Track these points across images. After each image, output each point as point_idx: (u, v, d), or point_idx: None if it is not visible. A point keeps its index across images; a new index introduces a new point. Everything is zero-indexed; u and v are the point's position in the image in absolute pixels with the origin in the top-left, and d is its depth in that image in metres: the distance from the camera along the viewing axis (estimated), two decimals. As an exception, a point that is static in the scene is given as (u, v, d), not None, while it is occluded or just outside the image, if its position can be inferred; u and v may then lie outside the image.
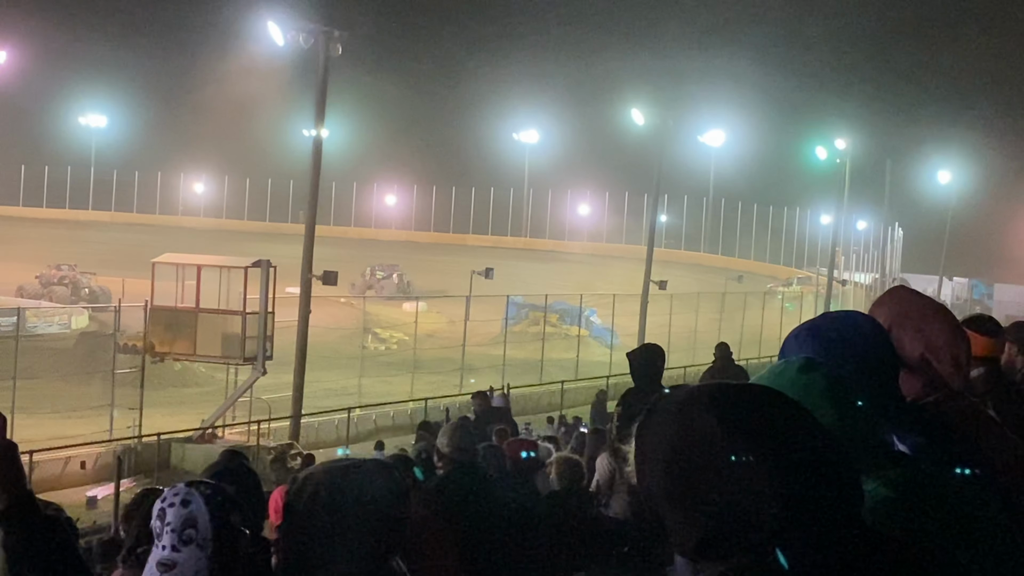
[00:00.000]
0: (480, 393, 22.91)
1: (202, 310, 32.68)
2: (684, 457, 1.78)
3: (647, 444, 1.84)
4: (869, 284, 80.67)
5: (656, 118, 54.52)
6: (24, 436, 25.79)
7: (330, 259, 37.98)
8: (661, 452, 1.81)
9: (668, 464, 1.80)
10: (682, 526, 1.79)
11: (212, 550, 3.12)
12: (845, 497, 1.77)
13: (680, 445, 1.79)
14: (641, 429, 1.86)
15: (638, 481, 1.86)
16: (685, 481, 1.78)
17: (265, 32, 34.98)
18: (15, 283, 63.85)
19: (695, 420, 1.79)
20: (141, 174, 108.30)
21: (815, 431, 1.79)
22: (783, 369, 2.36)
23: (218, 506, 3.17)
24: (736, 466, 1.74)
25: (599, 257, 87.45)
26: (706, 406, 1.80)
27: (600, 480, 10.63)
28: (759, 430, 1.77)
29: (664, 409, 1.84)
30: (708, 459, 1.76)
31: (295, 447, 31.36)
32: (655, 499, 1.82)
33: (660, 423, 1.83)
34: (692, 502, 1.77)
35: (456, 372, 44.33)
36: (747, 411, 1.79)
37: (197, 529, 3.12)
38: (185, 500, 3.16)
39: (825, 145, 75.97)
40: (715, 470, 1.75)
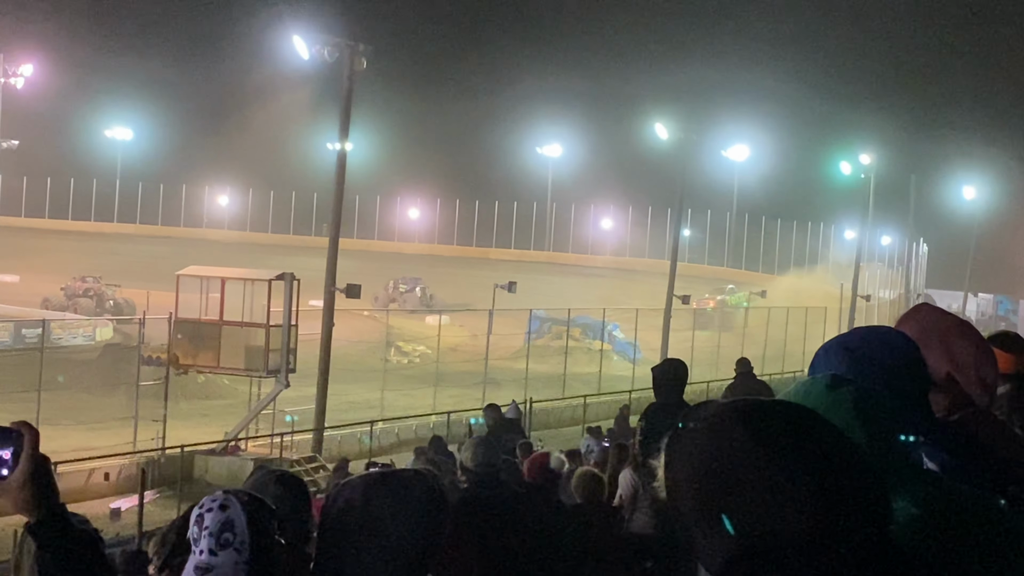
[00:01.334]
0: (492, 406, 22.96)
1: (226, 322, 32.75)
2: (714, 473, 1.78)
3: (677, 459, 1.83)
4: (893, 300, 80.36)
5: (680, 133, 54.49)
6: (48, 448, 25.52)
7: (353, 272, 38.07)
8: (691, 467, 1.80)
9: (697, 479, 1.79)
10: (710, 542, 1.78)
11: (249, 555, 3.15)
12: (875, 515, 1.76)
13: (710, 460, 1.78)
14: (671, 443, 1.86)
15: (667, 496, 1.85)
16: (714, 497, 1.77)
17: (290, 46, 35.12)
18: (40, 295, 64.14)
19: (725, 436, 1.79)
20: (166, 187, 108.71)
21: (845, 448, 1.79)
22: (810, 386, 2.35)
23: (255, 512, 3.20)
24: (766, 483, 1.74)
25: (622, 271, 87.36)
26: (737, 422, 1.80)
27: (623, 495, 10.61)
28: (789, 447, 1.76)
29: (694, 424, 1.84)
30: (738, 475, 1.75)
31: (317, 460, 31.41)
32: (684, 514, 1.82)
33: (690, 438, 1.83)
34: (721, 516, 1.77)
35: (479, 386, 44.30)
36: (778, 427, 1.79)
37: (234, 533, 3.17)
38: (223, 505, 3.20)
39: (849, 160, 75.78)
40: (745, 486, 1.75)
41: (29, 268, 71.93)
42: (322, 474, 30.25)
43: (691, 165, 55.98)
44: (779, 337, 57.93)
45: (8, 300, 62.18)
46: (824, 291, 75.78)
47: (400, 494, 2.76)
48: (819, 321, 59.67)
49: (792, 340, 57.12)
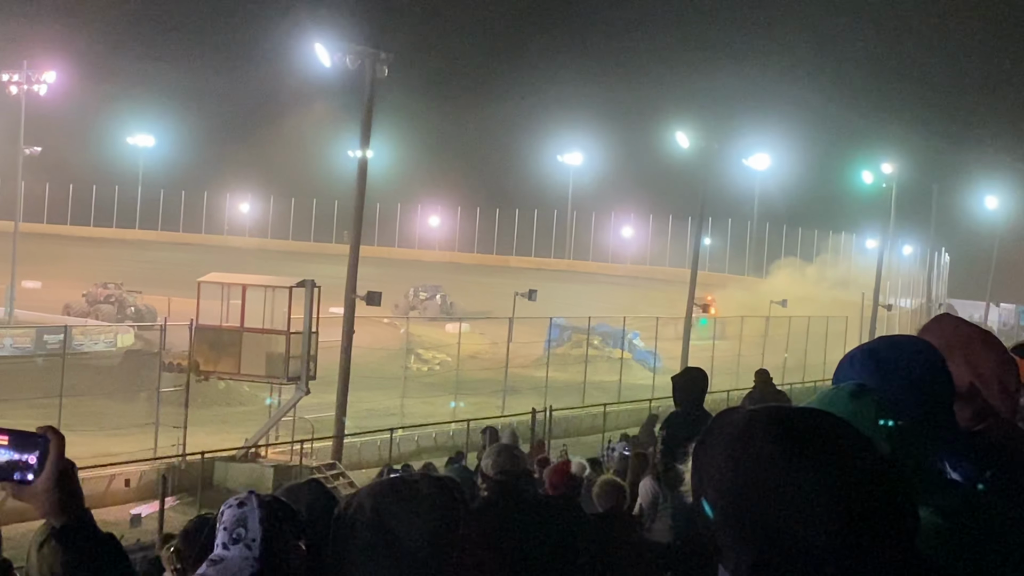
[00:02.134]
0: (490, 428, 23.21)
1: (247, 329, 32.82)
2: (741, 479, 1.78)
3: (704, 465, 1.84)
4: (915, 309, 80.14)
5: (701, 141, 54.47)
6: (69, 453, 25.84)
7: (374, 279, 38.15)
8: (718, 473, 1.81)
9: (724, 486, 1.79)
10: (737, 548, 1.78)
11: (260, 552, 3.16)
12: (901, 525, 1.76)
13: (737, 467, 1.79)
14: (698, 450, 1.86)
15: (694, 501, 1.86)
16: (741, 503, 1.77)
17: (312, 54, 35.21)
18: (62, 301, 64.38)
19: (752, 442, 1.79)
20: (187, 194, 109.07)
21: (873, 457, 1.79)
22: (834, 395, 2.35)
23: (271, 512, 3.23)
24: (792, 491, 1.74)
25: (642, 280, 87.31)
26: (764, 429, 1.80)
27: (643, 504, 10.60)
28: (816, 455, 1.76)
29: (722, 430, 1.84)
30: (765, 482, 1.75)
31: (337, 467, 31.44)
32: (711, 521, 1.82)
33: (718, 444, 1.83)
34: (747, 524, 1.77)
35: (498, 393, 44.34)
36: (805, 435, 1.79)
37: (247, 529, 3.20)
38: (241, 502, 3.24)
39: (871, 169, 75.68)
40: (772, 493, 1.75)
41: (51, 274, 72.21)
42: (342, 481, 30.27)
43: (712, 173, 55.94)
44: (800, 346, 57.82)
45: (30, 306, 62.44)
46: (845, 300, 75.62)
47: (410, 500, 2.76)
48: (840, 331, 59.53)
49: (813, 349, 57.01)
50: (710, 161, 53.91)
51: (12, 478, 2.59)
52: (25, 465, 2.59)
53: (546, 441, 32.22)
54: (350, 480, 30.22)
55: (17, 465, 2.59)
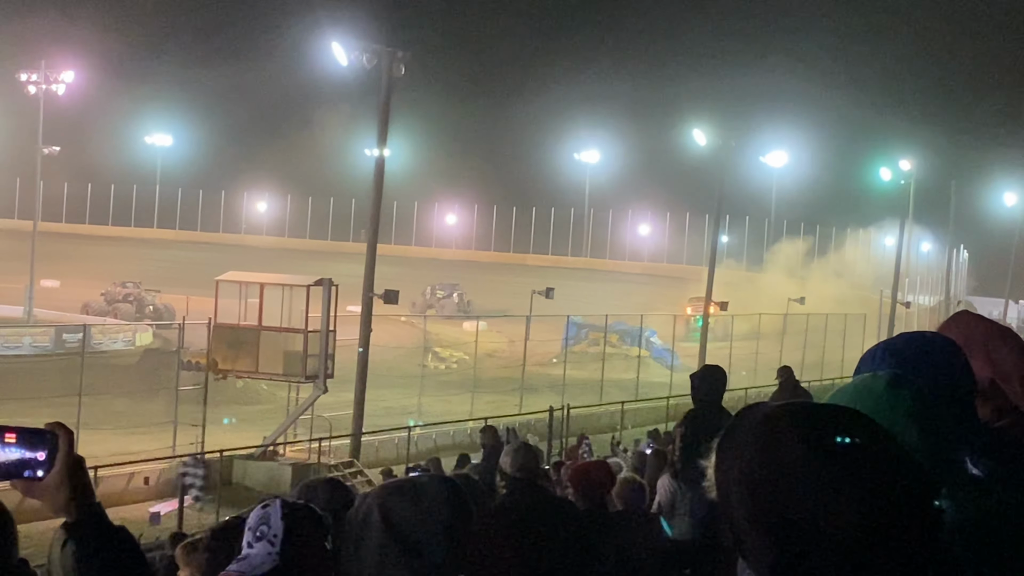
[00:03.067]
0: (489, 427, 23.30)
1: (264, 328, 32.87)
2: (764, 476, 1.78)
3: (727, 461, 1.84)
4: (933, 306, 79.91)
5: (718, 139, 54.38)
6: (88, 452, 25.84)
7: (391, 278, 38.18)
8: (741, 468, 1.81)
9: (748, 482, 1.79)
10: (759, 545, 1.78)
11: (280, 548, 3.23)
12: (925, 524, 1.76)
13: (761, 463, 1.79)
14: (722, 443, 1.86)
15: (717, 497, 1.86)
16: (764, 499, 1.77)
17: (329, 53, 35.24)
18: (81, 300, 64.58)
19: (777, 438, 1.79)
20: (205, 193, 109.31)
21: (898, 455, 1.79)
22: (870, 382, 2.33)
23: (293, 511, 3.32)
24: (816, 487, 1.74)
25: (660, 277, 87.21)
26: (788, 424, 1.80)
27: (661, 502, 10.58)
28: (841, 452, 1.76)
29: (746, 426, 1.84)
30: (788, 478, 1.76)
31: (355, 465, 31.49)
32: (734, 516, 1.82)
33: (741, 440, 1.83)
34: (771, 521, 1.77)
35: (516, 392, 44.35)
36: (829, 432, 1.79)
37: (269, 526, 3.31)
38: (265, 504, 3.34)
39: (889, 166, 75.42)
40: (795, 489, 1.75)
41: (70, 273, 72.44)
42: (360, 479, 30.31)
43: (729, 171, 55.85)
44: (818, 344, 57.70)
45: (49, 305, 62.67)
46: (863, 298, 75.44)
47: (417, 501, 2.79)
48: (858, 328, 59.40)
49: (831, 347, 56.89)
50: (727, 158, 53.80)
51: (23, 476, 2.59)
52: (34, 462, 2.60)
53: (563, 439, 32.26)
54: (368, 478, 30.25)
55: (27, 463, 2.60)
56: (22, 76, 69.90)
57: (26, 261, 61.37)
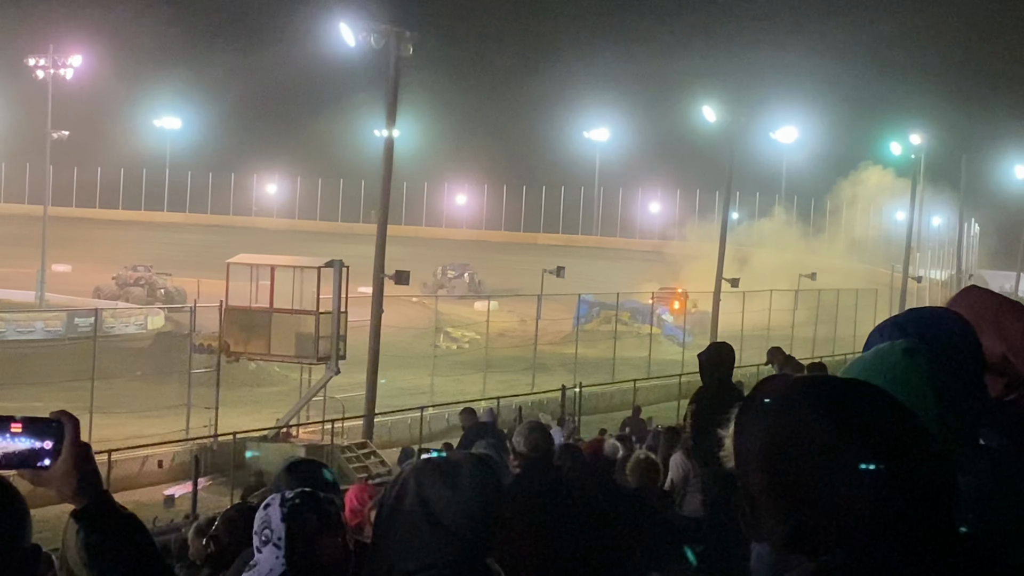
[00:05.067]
0: (468, 409, 23.47)
1: (276, 310, 32.91)
2: (782, 448, 1.80)
3: (746, 430, 1.86)
4: (945, 280, 79.73)
5: (728, 115, 54.26)
6: (102, 435, 26.14)
7: (402, 259, 38.16)
8: (760, 440, 1.83)
9: (766, 452, 1.82)
10: (775, 516, 1.80)
11: (285, 551, 3.19)
12: (939, 498, 1.77)
13: (779, 435, 1.81)
14: (741, 415, 1.88)
15: (735, 467, 1.87)
16: (781, 471, 1.80)
17: (337, 33, 35.19)
18: (92, 284, 64.70)
19: (795, 411, 1.81)
20: (215, 175, 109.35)
21: (914, 430, 1.80)
22: (888, 350, 2.34)
23: (293, 508, 3.25)
24: (832, 460, 1.76)
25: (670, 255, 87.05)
26: (807, 398, 1.82)
27: (674, 479, 10.61)
28: (858, 426, 1.78)
29: (765, 397, 1.86)
30: (806, 451, 1.78)
31: (368, 446, 31.55)
32: (751, 487, 1.84)
33: (760, 412, 1.85)
34: (787, 493, 1.79)
35: (528, 371, 44.38)
36: (848, 406, 1.81)
37: (271, 530, 3.28)
38: (267, 504, 3.27)
39: (899, 140, 75.18)
40: (812, 463, 1.77)
41: (81, 258, 72.59)
42: (373, 460, 30.40)
43: (739, 148, 55.72)
44: (829, 319, 57.63)
45: (61, 290, 62.80)
46: (874, 272, 75.33)
47: (452, 479, 2.77)
48: (870, 303, 59.31)
49: (843, 322, 56.81)
50: (737, 135, 53.69)
51: (31, 465, 2.61)
52: (42, 451, 2.61)
53: (575, 420, 32.28)
54: (381, 459, 30.34)
55: (34, 452, 2.61)
56: (30, 61, 69.93)
57: (37, 246, 61.48)
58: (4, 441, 2.62)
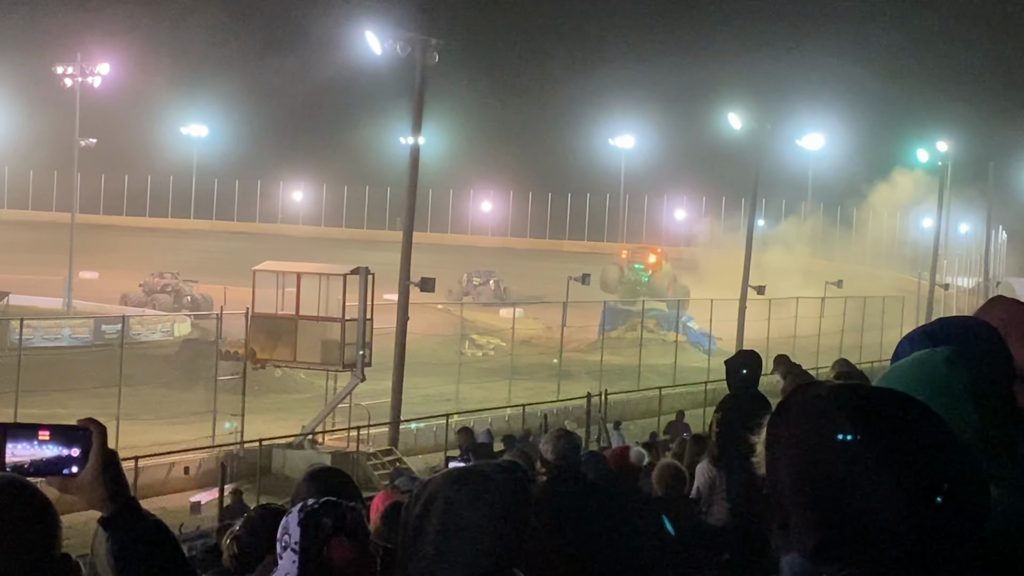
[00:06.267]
0: (465, 429, 23.45)
1: (302, 317, 32.98)
2: (814, 455, 1.80)
3: (779, 438, 1.85)
4: (972, 288, 79.34)
5: (753, 122, 54.15)
6: (129, 442, 26.22)
7: (427, 266, 38.23)
8: (792, 447, 1.82)
9: (798, 461, 1.81)
10: (805, 524, 1.79)
11: (300, 555, 3.23)
12: (973, 511, 1.75)
13: (811, 443, 1.80)
14: (774, 422, 1.88)
15: (766, 474, 1.87)
16: (813, 479, 1.79)
17: (363, 42, 35.25)
18: (119, 291, 64.94)
19: (829, 419, 1.80)
20: (241, 183, 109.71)
21: (949, 442, 1.79)
22: (927, 359, 2.32)
23: (308, 514, 3.28)
24: (864, 470, 1.75)
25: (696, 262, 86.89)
26: (841, 406, 1.81)
27: (700, 487, 10.57)
28: (891, 436, 1.78)
29: (799, 405, 1.86)
30: (838, 460, 1.77)
31: (394, 452, 31.57)
32: (781, 494, 1.83)
33: (794, 418, 1.84)
34: (818, 501, 1.78)
35: (553, 378, 44.34)
36: (881, 416, 1.80)
37: (289, 534, 3.34)
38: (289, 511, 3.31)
39: (926, 148, 74.92)
40: (844, 472, 1.76)
41: (108, 265, 72.87)
42: (398, 467, 30.41)
43: (765, 155, 55.58)
44: (856, 327, 57.42)
45: (88, 297, 63.05)
46: (901, 280, 75.03)
47: (480, 489, 2.75)
48: (896, 311, 59.07)
49: (869, 330, 56.60)
50: (763, 142, 53.57)
51: (58, 472, 2.62)
52: (69, 459, 2.63)
53: (601, 426, 32.23)
54: (407, 466, 30.35)
55: (62, 459, 2.63)
56: (58, 69, 70.22)
57: (65, 253, 61.74)
58: (32, 449, 2.63)
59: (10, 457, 2.62)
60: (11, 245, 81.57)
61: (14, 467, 2.61)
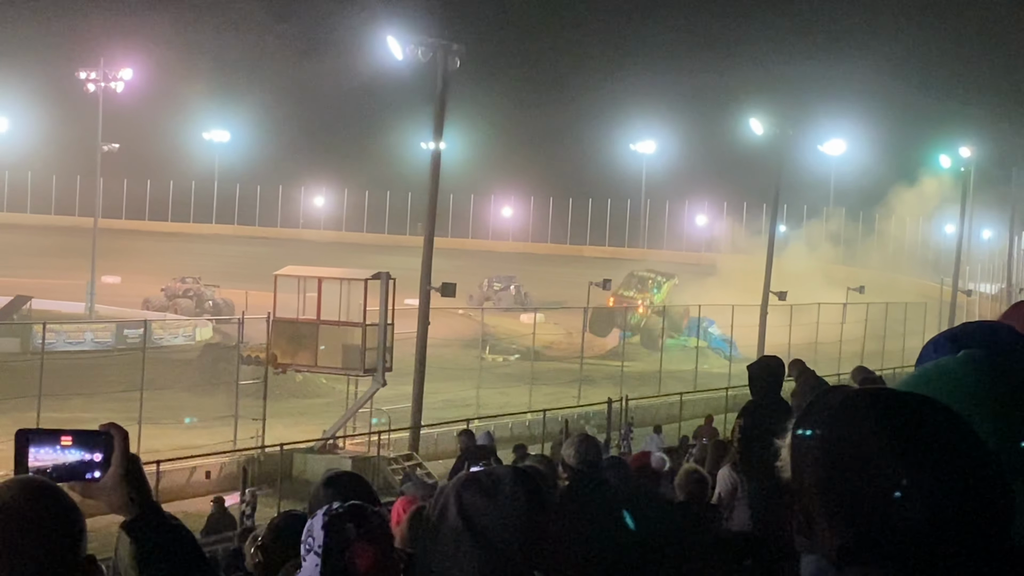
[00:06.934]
0: (466, 431, 23.44)
1: (323, 322, 33.03)
2: (839, 459, 1.80)
3: (803, 441, 1.86)
4: (995, 294, 79.05)
5: (775, 127, 54.05)
6: (150, 446, 26.32)
7: (448, 271, 38.25)
8: (816, 451, 1.83)
9: (822, 464, 1.82)
10: (830, 528, 1.80)
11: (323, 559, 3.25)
12: (997, 516, 1.75)
13: (837, 447, 1.81)
14: (799, 425, 1.88)
15: (791, 477, 1.87)
16: (838, 482, 1.79)
17: (384, 47, 35.31)
18: (141, 296, 65.18)
19: (854, 423, 1.81)
20: (263, 188, 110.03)
21: (974, 443, 1.80)
22: (950, 362, 2.31)
23: (333, 518, 3.30)
24: (889, 474, 1.75)
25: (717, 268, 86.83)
26: (866, 410, 1.82)
27: (722, 493, 10.55)
28: (916, 441, 1.78)
29: (824, 408, 1.86)
30: (863, 464, 1.77)
31: (414, 457, 31.59)
32: (806, 498, 1.84)
33: (818, 422, 1.85)
34: (843, 504, 1.78)
35: (574, 383, 44.30)
36: (907, 420, 1.81)
37: (313, 538, 3.36)
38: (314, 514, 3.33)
39: (949, 153, 74.69)
40: (869, 475, 1.77)
41: (130, 269, 73.13)
42: (420, 472, 30.42)
43: (787, 160, 55.47)
44: (878, 334, 57.24)
45: (110, 301, 63.30)
46: (923, 286, 74.79)
47: (493, 494, 2.76)
48: (919, 317, 58.88)
49: (891, 336, 56.44)
50: (784, 147, 53.46)
51: (83, 477, 2.63)
52: (91, 464, 2.64)
53: (621, 431, 32.20)
54: (427, 471, 30.36)
55: (84, 464, 2.64)
56: (81, 74, 70.54)
57: (87, 258, 61.98)
58: (54, 454, 2.64)
59: (33, 462, 2.63)
60: (34, 249, 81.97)
61: (37, 472, 2.63)
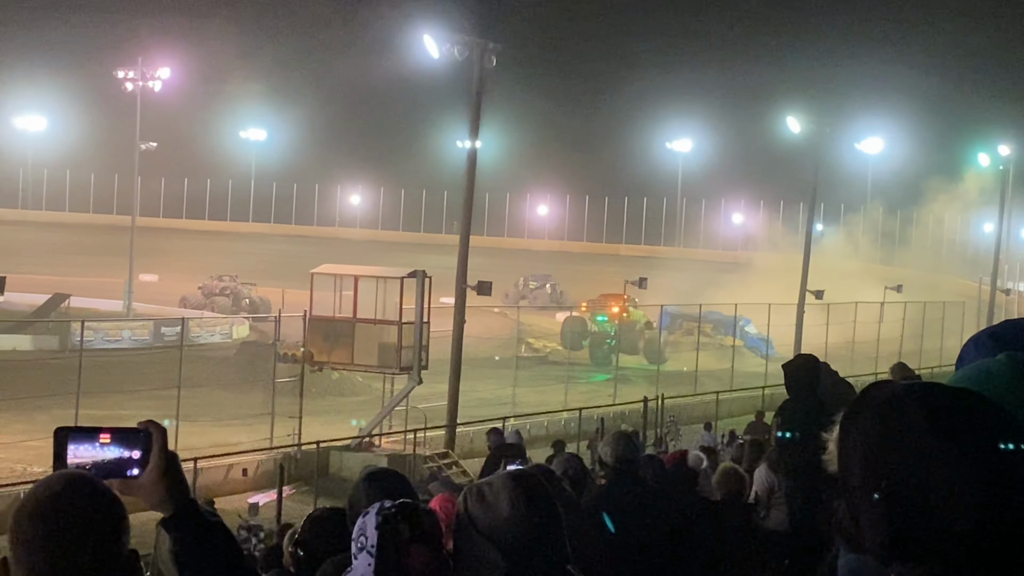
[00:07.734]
0: (495, 429, 23.45)
1: (359, 320, 33.09)
2: (886, 453, 1.80)
3: (851, 435, 1.85)
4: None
5: (812, 125, 53.80)
6: (188, 443, 26.42)
7: (484, 269, 38.26)
8: (864, 444, 1.83)
9: (870, 458, 1.81)
10: (876, 523, 1.80)
11: (376, 558, 3.25)
12: None
13: (884, 441, 1.80)
14: (847, 418, 1.88)
15: (839, 471, 1.88)
16: (885, 477, 1.79)
17: (421, 45, 35.35)
18: (179, 294, 65.53)
19: (902, 417, 1.81)
20: (299, 186, 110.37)
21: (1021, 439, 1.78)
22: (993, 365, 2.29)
23: (386, 518, 3.31)
24: (936, 468, 1.75)
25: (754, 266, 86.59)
26: (915, 404, 1.81)
27: (759, 492, 10.52)
28: (964, 435, 1.78)
29: (872, 402, 1.86)
30: (910, 458, 1.77)
31: (450, 455, 31.63)
32: (852, 492, 1.84)
33: (866, 416, 1.85)
34: (890, 499, 1.78)
35: (610, 382, 44.26)
36: (955, 415, 1.81)
37: (366, 537, 3.34)
38: (366, 512, 3.35)
39: (988, 151, 74.19)
40: (916, 470, 1.77)
41: (168, 268, 73.51)
42: (455, 470, 30.46)
43: (824, 159, 55.22)
44: (916, 333, 56.93)
45: (148, 299, 63.67)
46: (962, 285, 74.33)
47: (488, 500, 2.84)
48: (957, 316, 58.53)
49: (929, 335, 56.13)
50: (822, 146, 53.22)
51: (122, 474, 2.65)
52: (130, 461, 2.66)
53: (657, 432, 32.17)
54: (463, 469, 30.39)
55: (123, 462, 2.66)
56: (119, 74, 70.92)
57: (125, 256, 62.35)
58: (93, 451, 2.66)
59: (72, 459, 2.66)
60: (72, 248, 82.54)
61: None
